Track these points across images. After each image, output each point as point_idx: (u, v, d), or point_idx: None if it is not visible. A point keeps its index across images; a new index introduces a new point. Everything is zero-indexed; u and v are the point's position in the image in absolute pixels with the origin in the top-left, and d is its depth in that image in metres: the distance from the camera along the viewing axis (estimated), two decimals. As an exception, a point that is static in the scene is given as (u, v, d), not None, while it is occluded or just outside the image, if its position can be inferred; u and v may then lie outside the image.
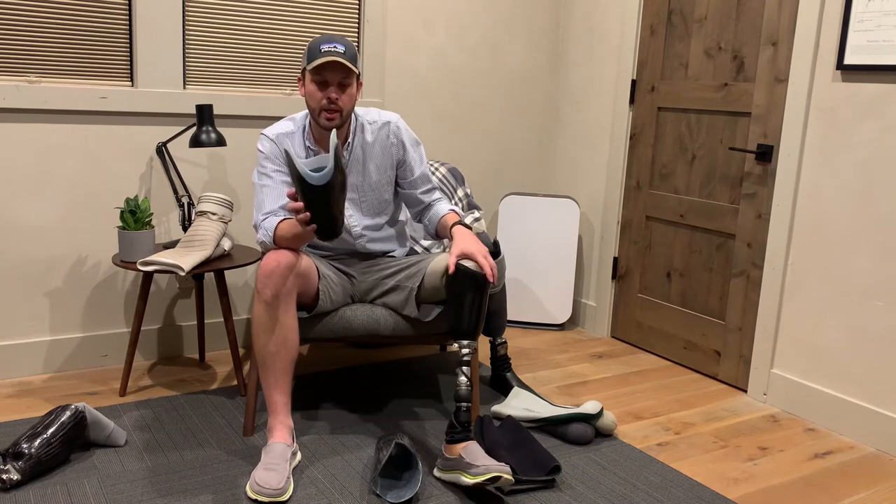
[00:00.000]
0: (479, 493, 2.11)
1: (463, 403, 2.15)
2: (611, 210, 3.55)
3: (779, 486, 2.27)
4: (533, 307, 3.64)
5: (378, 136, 2.41)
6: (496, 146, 3.73)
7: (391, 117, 2.43)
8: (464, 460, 2.06)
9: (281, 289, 2.13)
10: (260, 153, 2.36)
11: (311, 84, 2.25)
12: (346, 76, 2.24)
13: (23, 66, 2.64)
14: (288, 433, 2.19)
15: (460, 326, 2.20)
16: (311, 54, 2.23)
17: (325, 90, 2.24)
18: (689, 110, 3.18)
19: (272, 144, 2.35)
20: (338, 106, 2.25)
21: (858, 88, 2.56)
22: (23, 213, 2.71)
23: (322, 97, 2.24)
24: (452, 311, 2.21)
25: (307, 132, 2.37)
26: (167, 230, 2.97)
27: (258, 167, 2.36)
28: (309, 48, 2.25)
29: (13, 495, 1.99)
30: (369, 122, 2.41)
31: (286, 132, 2.37)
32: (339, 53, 2.21)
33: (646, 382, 3.06)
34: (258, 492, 1.99)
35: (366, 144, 2.40)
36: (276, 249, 2.19)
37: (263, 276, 2.13)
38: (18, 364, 2.78)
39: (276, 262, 2.13)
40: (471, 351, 2.19)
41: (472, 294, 2.19)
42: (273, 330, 2.15)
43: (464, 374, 2.17)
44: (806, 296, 2.76)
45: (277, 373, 2.19)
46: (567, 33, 3.75)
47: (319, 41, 2.23)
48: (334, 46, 2.21)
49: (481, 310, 2.22)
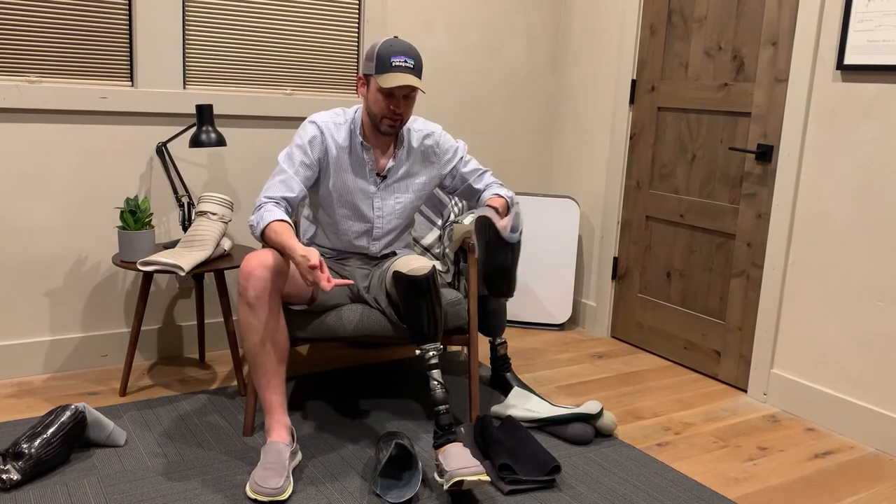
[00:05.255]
0: (479, 494, 2.11)
1: (440, 407, 2.16)
2: (611, 210, 3.55)
3: (779, 486, 2.27)
4: (533, 307, 3.64)
5: (422, 143, 2.45)
6: (496, 146, 3.73)
7: (435, 128, 2.48)
8: (441, 465, 2.07)
9: (262, 290, 2.12)
10: (299, 137, 2.32)
11: (378, 93, 2.24)
12: (413, 89, 2.25)
13: (23, 66, 2.64)
14: (286, 432, 2.19)
15: (419, 331, 2.22)
16: (381, 64, 2.21)
17: (392, 100, 2.24)
18: (689, 110, 3.18)
19: (319, 134, 2.33)
20: (402, 117, 2.28)
21: (858, 88, 2.56)
22: (23, 213, 2.71)
23: (387, 106, 2.25)
24: (407, 318, 2.23)
25: (359, 127, 2.36)
26: (167, 230, 2.97)
27: (290, 148, 2.32)
28: (378, 55, 2.22)
29: (13, 495, 1.99)
30: (416, 130, 2.45)
31: (335, 123, 2.35)
32: (410, 69, 2.22)
33: (646, 382, 3.06)
34: (257, 491, 1.99)
35: (411, 150, 2.44)
36: (258, 250, 2.18)
37: (243, 278, 2.12)
38: (18, 364, 2.78)
39: (255, 263, 2.13)
40: (436, 353, 2.22)
41: (418, 298, 2.20)
42: (259, 330, 2.15)
43: (434, 379, 2.18)
44: (806, 296, 2.76)
45: (269, 373, 2.20)
46: (567, 33, 3.75)
47: (390, 52, 2.21)
48: (405, 61, 2.21)
49: (434, 310, 2.22)
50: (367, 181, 2.39)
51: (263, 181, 3.12)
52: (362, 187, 2.39)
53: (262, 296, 2.13)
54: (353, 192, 2.39)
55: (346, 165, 2.36)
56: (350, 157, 2.37)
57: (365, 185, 2.39)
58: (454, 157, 2.49)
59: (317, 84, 3.19)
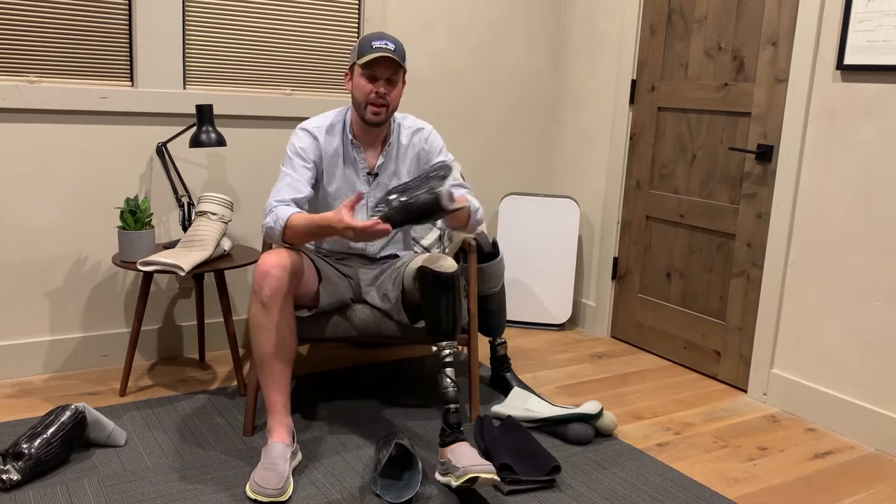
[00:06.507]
0: (476, 494, 2.11)
1: (451, 405, 2.16)
2: (611, 210, 3.55)
3: (779, 486, 2.27)
4: (533, 307, 3.64)
5: (412, 140, 2.46)
6: (496, 146, 3.73)
7: (425, 125, 2.50)
8: (451, 462, 2.07)
9: (277, 289, 2.13)
10: (292, 145, 2.35)
11: (361, 78, 2.30)
12: (394, 72, 2.30)
13: (23, 66, 2.64)
14: (287, 433, 2.19)
15: (437, 328, 2.23)
16: (361, 49, 2.29)
17: (374, 84, 2.28)
18: (689, 110, 3.18)
19: (312, 140, 2.36)
20: (385, 101, 2.30)
21: (858, 88, 2.56)
22: (23, 213, 2.71)
23: (371, 90, 2.28)
24: (427, 313, 2.24)
25: (348, 126, 2.40)
26: (167, 230, 2.97)
27: (287, 157, 2.35)
28: (360, 43, 2.31)
29: (13, 495, 1.99)
30: (406, 127, 2.47)
31: (326, 125, 2.39)
32: (390, 51, 2.26)
33: (646, 382, 3.06)
34: (257, 492, 1.99)
35: (400, 147, 2.45)
36: (274, 249, 2.19)
37: (259, 277, 2.13)
38: (18, 364, 2.78)
39: (272, 262, 2.13)
40: (451, 351, 2.22)
41: (442, 295, 2.21)
42: (270, 330, 2.15)
43: (447, 377, 2.18)
44: (806, 296, 2.76)
45: (276, 373, 2.19)
46: (567, 33, 3.75)
47: (370, 38, 2.29)
48: (385, 44, 2.27)
49: (456, 309, 2.24)
50: (359, 180, 2.41)
51: (263, 181, 3.12)
52: (356, 187, 2.41)
53: (276, 295, 2.13)
54: (347, 193, 2.41)
55: (340, 167, 2.40)
56: (343, 158, 2.40)
57: (358, 186, 2.41)
58: (438, 155, 2.49)
59: (317, 84, 3.19)
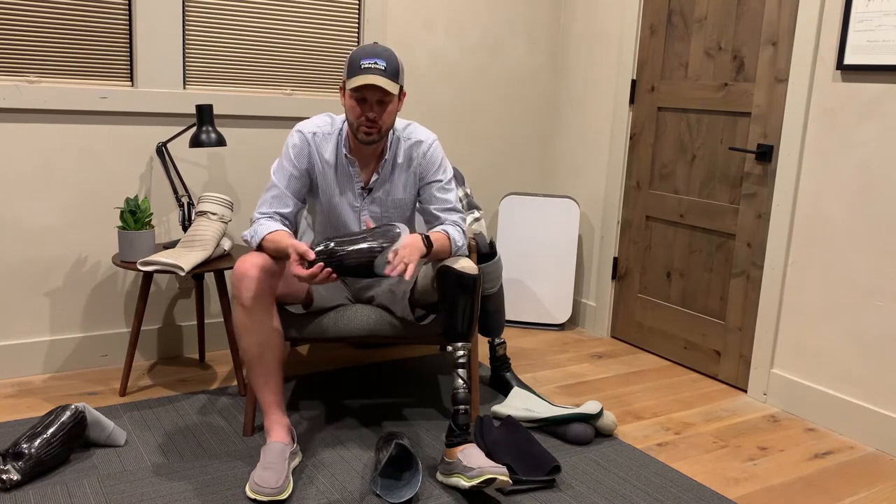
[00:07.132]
0: (478, 494, 2.11)
1: (461, 406, 2.16)
2: (611, 210, 3.55)
3: (779, 486, 2.27)
4: (533, 307, 3.64)
5: (409, 155, 2.34)
6: (496, 146, 3.73)
7: (427, 137, 2.36)
8: (461, 463, 2.06)
9: (256, 290, 2.11)
10: (287, 148, 2.29)
11: (350, 99, 2.16)
12: (385, 94, 2.15)
13: (23, 66, 2.64)
14: (285, 432, 2.19)
15: (454, 328, 2.22)
16: (351, 69, 2.14)
17: (364, 107, 2.15)
18: (689, 110, 3.18)
19: (303, 144, 2.28)
20: (377, 125, 2.18)
21: (858, 88, 2.56)
22: (23, 213, 2.71)
23: (360, 114, 2.16)
24: (445, 313, 2.22)
25: (344, 138, 2.30)
26: (167, 230, 2.97)
27: (280, 160, 2.30)
28: (350, 61, 2.15)
29: (13, 495, 2.00)
30: (405, 139, 2.34)
31: (322, 133, 2.30)
32: (380, 70, 2.11)
33: (646, 382, 3.06)
34: (257, 491, 1.99)
35: (396, 163, 2.34)
36: (249, 253, 2.18)
37: (237, 279, 2.12)
38: (18, 364, 2.78)
39: (247, 265, 2.12)
40: (466, 352, 2.20)
41: (462, 296, 2.20)
42: (255, 332, 2.15)
43: (460, 377, 2.18)
44: (806, 296, 2.76)
45: (265, 374, 2.20)
46: (567, 33, 3.75)
47: (360, 55, 2.13)
48: (375, 63, 2.11)
49: (473, 311, 2.23)
50: (353, 195, 2.33)
51: (263, 181, 3.12)
52: (349, 201, 2.34)
53: (256, 297, 2.12)
54: (339, 206, 2.34)
55: (332, 181, 2.31)
56: (336, 172, 2.31)
57: (351, 199, 2.33)
58: (435, 174, 2.36)
59: (316, 84, 3.19)
